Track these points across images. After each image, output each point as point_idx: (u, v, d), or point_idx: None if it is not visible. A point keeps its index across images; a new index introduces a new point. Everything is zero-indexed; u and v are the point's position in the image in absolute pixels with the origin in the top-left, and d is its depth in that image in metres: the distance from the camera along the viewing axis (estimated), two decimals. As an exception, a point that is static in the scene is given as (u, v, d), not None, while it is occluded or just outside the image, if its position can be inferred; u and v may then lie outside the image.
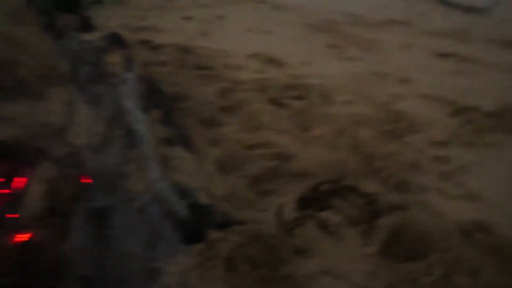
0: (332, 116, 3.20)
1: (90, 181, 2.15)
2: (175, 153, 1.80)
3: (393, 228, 2.16)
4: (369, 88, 3.85)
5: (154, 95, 2.20)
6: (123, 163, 1.67)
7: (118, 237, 1.38)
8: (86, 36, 4.18)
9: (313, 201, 2.06)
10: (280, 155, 2.42)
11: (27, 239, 1.75)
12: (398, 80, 4.15)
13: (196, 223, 1.36)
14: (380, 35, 5.70)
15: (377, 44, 5.32)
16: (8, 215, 1.91)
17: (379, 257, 2.07)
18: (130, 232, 1.38)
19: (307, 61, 4.40)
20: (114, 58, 3.32)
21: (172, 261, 1.23)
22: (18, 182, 2.13)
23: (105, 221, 1.44)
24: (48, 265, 1.71)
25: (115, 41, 3.88)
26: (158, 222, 1.38)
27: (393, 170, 2.62)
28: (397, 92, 3.83)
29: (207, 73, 3.50)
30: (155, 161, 1.61)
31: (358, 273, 1.97)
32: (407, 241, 2.09)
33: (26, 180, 2.17)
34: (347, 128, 3.03)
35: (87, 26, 4.80)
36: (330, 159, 2.59)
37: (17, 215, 1.94)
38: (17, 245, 1.75)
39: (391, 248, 2.09)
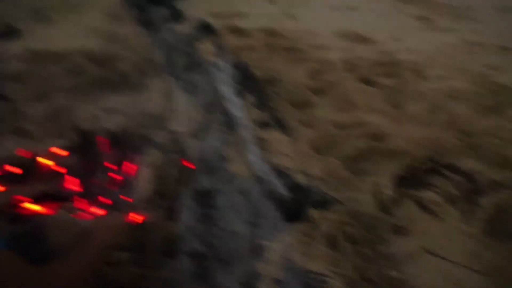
0: (426, 92, 3.09)
1: (192, 165, 2.29)
2: (270, 135, 1.85)
3: (497, 207, 2.07)
4: (464, 60, 3.64)
5: (247, 80, 2.27)
6: (222, 146, 1.76)
7: (224, 216, 1.47)
8: (179, 27, 4.37)
9: (411, 180, 2.03)
10: (375, 135, 2.39)
11: (141, 219, 1.92)
12: (496, 50, 3.87)
13: (297, 202, 1.41)
14: (473, 0, 5.34)
15: (471, 11, 4.98)
16: (124, 197, 2.10)
17: (482, 236, 2.00)
18: (234, 211, 1.47)
19: (396, 36, 4.25)
20: (206, 46, 3.45)
21: (275, 239, 1.30)
22: (129, 168, 2.33)
23: (211, 202, 1.54)
24: (160, 243, 1.87)
25: (205, 29, 4.02)
26: (260, 202, 1.45)
27: (494, 147, 2.48)
28: (495, 63, 3.58)
29: (295, 55, 3.51)
30: (253, 144, 1.68)
31: (460, 253, 1.91)
32: (512, 220, 1.99)
33: (136, 166, 2.37)
34: (442, 104, 2.91)
35: (178, 17, 5.01)
36: (426, 137, 2.51)
37: (130, 199, 2.14)
38: (133, 224, 1.92)
39: (495, 227, 2.00)
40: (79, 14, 6.67)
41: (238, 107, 1.89)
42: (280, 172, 1.53)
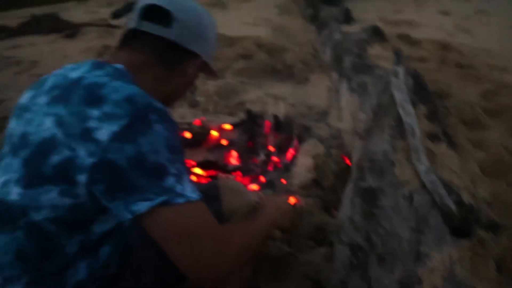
0: None
1: (349, 162, 2.34)
2: (439, 149, 1.82)
3: None
4: None
5: (419, 90, 2.25)
6: (391, 151, 1.77)
7: (387, 217, 1.50)
8: (347, 28, 4.43)
9: None
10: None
11: (296, 202, 2.03)
12: None
13: (465, 219, 1.38)
14: None
15: None
16: (282, 180, 2.24)
17: None
18: (397, 214, 1.49)
19: None
20: (376, 51, 3.45)
21: (439, 249, 1.29)
22: (290, 153, 2.47)
23: (375, 201, 1.57)
24: (312, 229, 1.95)
25: (376, 34, 4.02)
26: (426, 211, 1.45)
27: None
28: None
29: (468, 72, 3.35)
30: (424, 154, 1.67)
31: None
32: None
33: (295, 152, 2.49)
34: None
35: (347, 18, 5.06)
36: None
37: (285, 182, 2.26)
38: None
39: None
40: (252, 4, 7.11)
41: (411, 115, 1.89)
42: (447, 187, 1.51)
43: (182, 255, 0.95)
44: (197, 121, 2.79)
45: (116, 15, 6.53)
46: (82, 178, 0.92)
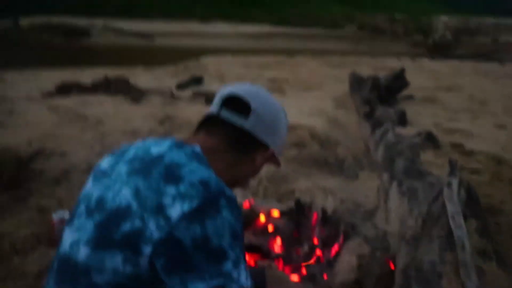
0: None
1: (393, 267, 2.32)
2: (488, 267, 1.79)
3: None
4: None
5: (471, 204, 2.25)
6: (439, 262, 1.77)
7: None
8: (401, 130, 4.51)
9: None
10: None
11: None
12: None
13: None
14: None
15: None
16: (324, 275, 2.24)
17: None
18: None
19: None
20: (429, 157, 3.50)
21: None
22: (333, 249, 2.47)
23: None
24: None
25: (429, 140, 4.08)
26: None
27: None
28: None
29: (523, 190, 3.31)
30: (473, 270, 1.66)
31: None
32: None
33: (339, 249, 2.50)
34: None
35: (402, 120, 5.17)
36: None
37: (326, 277, 2.26)
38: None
39: None
40: (311, 94, 7.41)
41: (461, 228, 1.89)
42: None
43: None
44: (246, 203, 2.87)
45: (181, 86, 6.96)
46: (147, 249, 0.98)
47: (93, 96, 6.22)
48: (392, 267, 2.30)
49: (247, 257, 2.48)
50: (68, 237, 1.10)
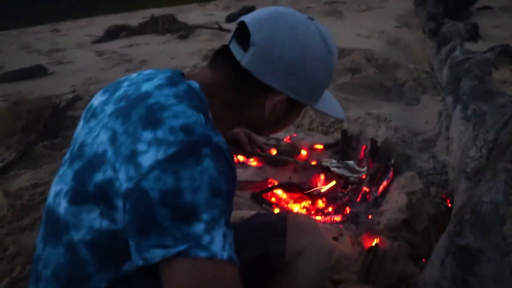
0: None
1: (450, 204, 2.01)
2: None
3: None
4: None
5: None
6: (503, 203, 1.44)
7: (483, 288, 1.20)
8: (472, 46, 3.95)
9: None
10: None
11: (377, 244, 1.77)
12: None
13: None
14: None
15: None
16: (369, 216, 1.98)
17: None
18: (495, 284, 1.18)
19: None
20: (503, 75, 3.00)
21: None
22: (381, 185, 2.19)
23: (472, 265, 1.27)
24: (392, 280, 1.68)
25: (506, 55, 3.52)
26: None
27: None
28: None
29: None
30: (547, 213, 1.33)
31: None
32: None
33: (387, 184, 2.20)
34: None
35: (474, 34, 4.55)
36: None
37: (371, 217, 2.00)
38: (367, 248, 1.78)
39: None
40: (371, 14, 6.78)
41: (535, 160, 1.53)
42: None
43: None
44: (286, 138, 2.62)
45: (231, 19, 6.62)
46: (119, 203, 0.83)
47: (141, 37, 6.07)
48: (450, 205, 1.99)
49: (287, 196, 2.27)
50: (53, 187, 0.99)
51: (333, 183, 2.29)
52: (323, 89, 1.06)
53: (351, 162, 2.33)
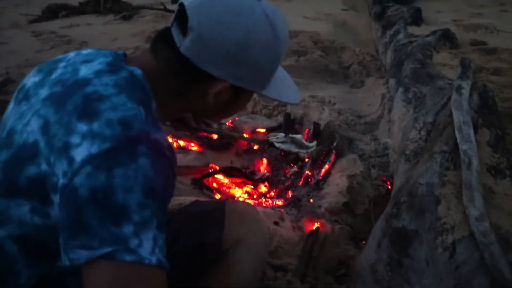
0: None
1: (390, 187, 2.02)
2: (501, 187, 1.47)
3: None
4: None
5: (485, 110, 1.88)
6: (438, 184, 1.45)
7: (417, 270, 1.20)
8: (415, 29, 4.02)
9: None
10: None
11: (317, 228, 1.76)
12: None
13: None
14: None
15: None
16: (310, 200, 1.96)
17: None
18: (431, 269, 1.18)
19: None
20: (443, 58, 3.06)
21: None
22: (325, 168, 2.17)
23: (407, 247, 1.27)
24: (333, 262, 1.68)
25: (446, 38, 3.59)
26: (469, 270, 1.13)
27: None
28: None
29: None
30: (479, 193, 1.34)
31: None
32: None
33: (329, 168, 2.19)
34: None
35: (417, 18, 4.62)
36: None
37: (312, 201, 1.98)
38: (308, 232, 1.76)
39: None
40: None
41: (470, 142, 1.54)
42: (504, 242, 1.17)
43: None
44: (229, 122, 2.56)
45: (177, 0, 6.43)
46: (56, 198, 0.78)
47: (81, 17, 5.79)
48: (390, 187, 2.01)
49: (229, 181, 2.22)
50: None
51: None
52: (270, 75, 0.99)
53: (298, 136, 2.27)
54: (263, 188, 2.18)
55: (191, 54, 0.88)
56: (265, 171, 2.27)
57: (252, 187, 2.18)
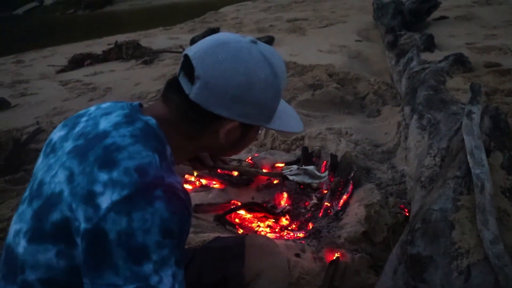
0: None
1: (407, 213, 2.05)
2: (516, 209, 1.49)
3: None
4: None
5: (498, 133, 1.91)
6: (452, 209, 1.48)
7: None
8: (428, 56, 4.07)
9: None
10: None
11: (337, 258, 1.79)
12: None
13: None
14: None
15: None
16: (329, 232, 2.00)
17: None
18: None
19: None
20: (457, 83, 3.10)
21: None
22: (343, 199, 2.21)
23: (422, 272, 1.30)
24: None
25: (458, 63, 3.64)
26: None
27: None
28: None
29: None
30: (493, 217, 1.37)
31: None
32: None
33: (347, 198, 2.23)
34: None
35: (430, 45, 4.68)
36: None
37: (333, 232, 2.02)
38: (328, 262, 1.79)
39: None
40: (332, 29, 6.91)
41: (482, 167, 1.58)
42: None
43: None
44: (248, 159, 2.64)
45: (195, 42, 6.64)
46: (79, 241, 0.86)
47: (105, 64, 6.05)
48: (407, 214, 2.03)
49: (251, 216, 2.27)
50: (12, 225, 0.99)
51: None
52: (274, 109, 1.07)
53: (311, 168, 2.31)
54: (284, 221, 2.22)
55: (200, 100, 0.96)
56: (286, 205, 2.31)
57: (274, 220, 2.23)
